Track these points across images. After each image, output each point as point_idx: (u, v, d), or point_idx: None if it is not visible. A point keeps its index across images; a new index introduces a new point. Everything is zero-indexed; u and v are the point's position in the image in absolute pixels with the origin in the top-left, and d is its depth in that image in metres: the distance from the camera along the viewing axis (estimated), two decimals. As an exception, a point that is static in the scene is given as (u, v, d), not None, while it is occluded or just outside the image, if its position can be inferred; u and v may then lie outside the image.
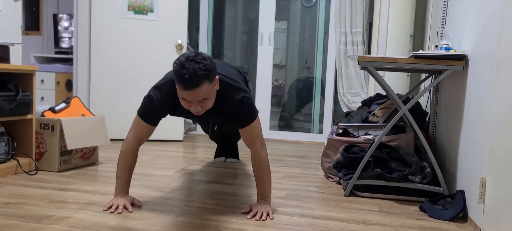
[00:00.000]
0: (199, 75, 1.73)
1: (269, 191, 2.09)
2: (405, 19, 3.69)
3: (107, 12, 4.09)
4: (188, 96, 1.78)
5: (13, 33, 3.03)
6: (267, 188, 2.07)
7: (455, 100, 2.49)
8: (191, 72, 1.71)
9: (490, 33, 1.92)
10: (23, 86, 2.69)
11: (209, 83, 1.79)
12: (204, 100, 1.83)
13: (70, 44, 4.97)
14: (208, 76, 1.76)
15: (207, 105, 1.86)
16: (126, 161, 2.07)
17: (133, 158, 2.08)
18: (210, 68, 1.77)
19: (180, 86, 1.77)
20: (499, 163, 1.69)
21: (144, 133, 2.06)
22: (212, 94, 1.85)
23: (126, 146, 2.07)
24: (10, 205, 2.03)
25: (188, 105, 1.84)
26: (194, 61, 1.74)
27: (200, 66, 1.73)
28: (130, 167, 2.09)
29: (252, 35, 5.01)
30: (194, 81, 1.72)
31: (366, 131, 3.03)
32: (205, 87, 1.77)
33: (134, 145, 2.07)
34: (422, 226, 1.98)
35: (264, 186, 2.07)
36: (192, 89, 1.75)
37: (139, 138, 2.07)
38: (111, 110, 4.16)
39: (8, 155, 2.65)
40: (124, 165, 2.07)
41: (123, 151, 2.07)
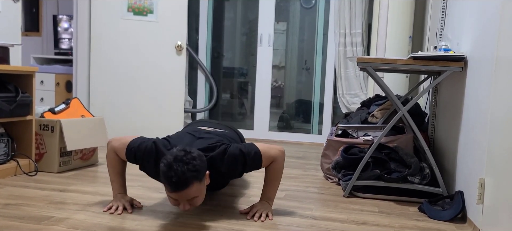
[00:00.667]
0: (187, 178, 1.66)
1: (274, 195, 2.07)
2: (404, 20, 3.70)
3: (107, 13, 4.09)
4: (176, 196, 1.72)
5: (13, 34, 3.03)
6: (273, 191, 2.05)
7: (454, 101, 2.50)
8: (179, 175, 1.64)
9: (489, 34, 1.93)
10: (22, 87, 2.69)
11: (199, 183, 1.72)
12: (193, 199, 1.76)
13: (69, 45, 4.97)
14: (197, 177, 1.69)
15: (196, 203, 1.79)
16: (114, 165, 2.05)
17: (119, 162, 2.05)
18: (200, 168, 1.70)
19: (167, 188, 1.71)
20: (498, 164, 1.69)
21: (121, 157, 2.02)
22: (201, 192, 1.77)
23: (108, 152, 2.04)
24: (9, 206, 2.03)
25: (176, 204, 1.77)
26: (183, 162, 1.66)
27: (189, 168, 1.66)
28: (119, 170, 2.07)
29: (251, 36, 5.01)
30: (182, 183, 1.66)
31: (365, 132, 3.04)
32: (194, 188, 1.70)
33: (115, 154, 2.03)
34: (421, 227, 1.98)
35: (271, 188, 2.04)
36: (180, 191, 1.69)
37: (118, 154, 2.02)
38: (111, 111, 4.16)
39: (8, 156, 2.65)
40: (113, 169, 2.06)
41: (107, 156, 2.05)
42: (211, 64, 5.13)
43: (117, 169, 2.06)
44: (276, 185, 2.04)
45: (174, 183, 1.66)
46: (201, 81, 5.10)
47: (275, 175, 2.01)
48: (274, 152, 1.96)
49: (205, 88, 5.12)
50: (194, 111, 5.01)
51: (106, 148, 2.10)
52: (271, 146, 1.98)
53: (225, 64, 5.15)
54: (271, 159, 1.96)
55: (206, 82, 5.09)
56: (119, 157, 2.03)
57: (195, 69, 5.08)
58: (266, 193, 2.06)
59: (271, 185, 2.04)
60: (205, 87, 5.12)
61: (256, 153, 1.92)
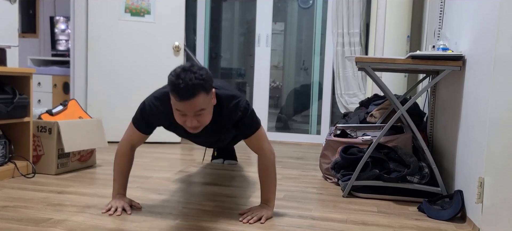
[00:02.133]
0: (195, 85, 1.67)
1: (273, 195, 2.04)
2: (402, 19, 3.70)
3: (104, 14, 4.08)
4: (183, 107, 1.71)
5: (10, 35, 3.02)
6: (271, 192, 2.04)
7: (452, 101, 2.50)
8: (186, 81, 1.66)
9: (487, 33, 1.93)
10: (20, 89, 2.68)
11: (206, 94, 1.72)
12: (201, 113, 1.75)
13: (67, 46, 4.96)
14: (204, 86, 1.70)
15: (203, 120, 1.78)
16: (121, 163, 2.06)
17: (127, 160, 2.06)
18: (206, 78, 1.72)
19: (175, 97, 1.71)
20: (497, 163, 1.69)
21: (136, 139, 2.04)
22: (208, 106, 1.77)
23: (119, 148, 2.06)
24: (7, 208, 2.02)
25: (184, 120, 1.76)
26: (190, 71, 1.69)
27: (196, 76, 1.68)
28: (126, 169, 2.08)
29: (249, 37, 5.01)
30: (189, 91, 1.67)
31: (364, 132, 3.03)
32: (201, 98, 1.71)
33: (127, 148, 2.05)
34: (420, 227, 1.98)
35: (268, 189, 2.03)
36: (188, 100, 1.68)
37: (132, 143, 2.06)
38: (109, 112, 4.15)
39: (5, 158, 2.64)
40: (119, 168, 2.07)
41: (117, 153, 2.06)
42: (209, 65, 5.12)
43: (124, 168, 2.06)
44: (270, 184, 2.03)
45: (181, 89, 1.66)
46: (199, 82, 5.08)
47: (267, 174, 2.01)
48: (268, 145, 2.00)
49: (203, 89, 5.11)
50: (192, 112, 5.00)
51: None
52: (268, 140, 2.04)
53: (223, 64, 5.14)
54: (262, 146, 1.98)
55: (204, 83, 5.08)
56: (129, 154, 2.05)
57: (193, 70, 5.06)
58: (263, 195, 2.05)
59: (265, 186, 2.03)
60: (203, 88, 5.10)
61: (258, 122, 1.97)
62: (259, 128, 1.98)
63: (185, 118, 1.76)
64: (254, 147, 2.00)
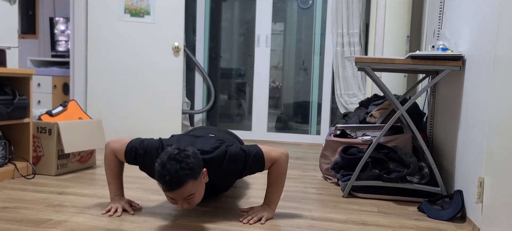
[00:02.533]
0: (181, 176, 1.64)
1: (277, 199, 2.03)
2: (401, 20, 3.70)
3: (104, 15, 4.08)
4: (172, 195, 1.71)
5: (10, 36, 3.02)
6: (276, 196, 2.02)
7: (452, 101, 2.50)
8: (172, 173, 1.63)
9: (487, 34, 1.93)
10: (20, 90, 2.68)
11: (194, 181, 1.70)
12: (190, 197, 1.73)
13: (66, 47, 4.96)
14: (191, 175, 1.67)
15: (194, 202, 1.77)
16: (111, 167, 2.05)
17: (116, 164, 2.05)
18: (194, 166, 1.68)
19: (162, 187, 1.70)
20: (496, 163, 1.69)
21: (120, 158, 2.02)
22: (198, 189, 1.75)
23: (107, 153, 2.04)
24: (7, 209, 2.02)
25: (174, 202, 1.76)
26: (176, 160, 1.65)
27: (182, 166, 1.64)
28: (118, 172, 2.07)
29: (249, 37, 5.01)
30: (175, 182, 1.64)
31: (364, 132, 3.03)
32: (189, 186, 1.69)
33: (113, 155, 2.03)
34: (420, 227, 1.98)
35: (274, 193, 2.02)
36: (175, 191, 1.67)
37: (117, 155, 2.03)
38: (108, 113, 4.15)
39: (5, 159, 2.64)
40: (110, 171, 2.06)
41: (106, 158, 2.04)
42: (209, 65, 5.13)
43: (115, 171, 2.06)
44: (278, 188, 2.01)
45: (167, 182, 1.65)
46: (199, 82, 5.09)
47: (277, 178, 1.99)
48: (276, 154, 1.95)
49: (202, 90, 5.12)
50: (192, 113, 5.01)
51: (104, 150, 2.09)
52: (274, 148, 1.98)
53: (223, 65, 5.14)
54: (272, 161, 1.94)
55: (204, 83, 5.09)
56: (118, 159, 2.02)
57: (192, 70, 5.07)
58: (268, 196, 2.04)
59: (272, 188, 2.01)
60: (203, 89, 5.12)
61: (258, 153, 1.92)
62: (262, 154, 1.93)
63: (174, 202, 1.76)
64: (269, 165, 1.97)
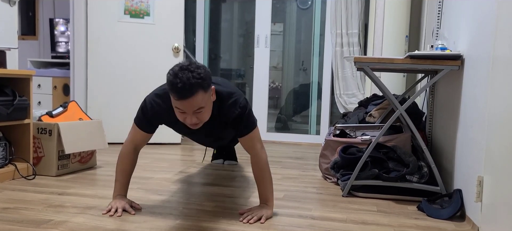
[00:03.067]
0: (193, 84, 1.68)
1: (271, 194, 2.05)
2: (400, 20, 3.71)
3: (104, 16, 4.09)
4: (182, 106, 1.73)
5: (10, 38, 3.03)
6: (268, 191, 2.05)
7: (451, 100, 2.51)
8: (184, 81, 1.67)
9: (485, 33, 1.93)
10: (20, 91, 2.69)
11: (204, 92, 1.73)
12: (200, 111, 1.76)
13: (66, 48, 4.97)
14: (202, 85, 1.71)
15: (203, 117, 1.80)
16: (123, 164, 2.07)
17: (130, 162, 2.08)
18: (204, 76, 1.72)
19: (173, 96, 1.72)
20: (496, 162, 1.70)
21: (139, 139, 2.06)
22: (207, 104, 1.79)
23: (123, 149, 2.08)
24: (8, 210, 2.02)
25: (183, 117, 1.78)
26: (188, 70, 1.69)
27: (194, 75, 1.69)
28: (128, 170, 2.09)
29: (248, 38, 5.02)
30: (187, 89, 1.68)
31: (363, 132, 3.04)
32: (199, 96, 1.72)
33: (131, 149, 2.07)
34: (420, 226, 1.99)
35: (265, 188, 2.04)
36: (186, 99, 1.70)
37: (135, 144, 2.07)
38: (109, 114, 4.15)
39: (6, 160, 2.64)
40: (122, 168, 2.08)
41: (121, 154, 2.08)
42: (208, 66, 5.13)
43: (126, 168, 2.08)
44: (267, 183, 2.04)
45: (179, 88, 1.67)
46: (199, 83, 5.09)
47: (261, 173, 2.02)
48: (260, 146, 2.02)
49: (202, 90, 5.11)
50: (192, 113, 5.00)
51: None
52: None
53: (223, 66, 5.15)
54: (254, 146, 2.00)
55: (204, 84, 5.08)
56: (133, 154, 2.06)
57: (192, 71, 5.06)
58: (261, 194, 2.06)
59: (261, 184, 2.04)
60: (203, 89, 5.11)
61: (254, 122, 1.99)
62: (255, 128, 2.00)
63: (184, 115, 1.78)
64: (247, 146, 2.02)
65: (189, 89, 1.68)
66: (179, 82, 1.67)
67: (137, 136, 2.05)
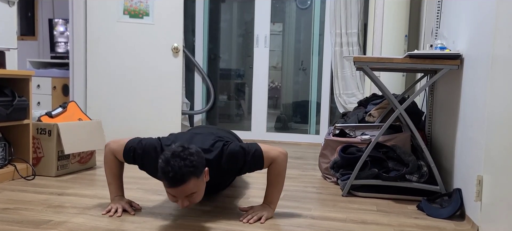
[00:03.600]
0: (184, 173, 1.66)
1: (277, 198, 2.04)
2: (399, 19, 3.71)
3: (103, 16, 4.09)
4: (174, 192, 1.71)
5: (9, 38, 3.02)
6: (275, 195, 2.03)
7: (450, 99, 2.51)
8: (175, 170, 1.64)
9: (485, 33, 1.94)
10: (19, 91, 2.69)
11: (196, 179, 1.71)
12: (192, 195, 1.75)
13: (66, 49, 4.96)
14: (194, 173, 1.69)
15: (195, 200, 1.78)
16: (111, 168, 2.05)
17: (116, 164, 2.05)
18: (197, 163, 1.69)
19: (165, 184, 1.70)
20: (495, 161, 1.70)
21: (119, 158, 2.03)
22: (200, 188, 1.76)
23: (106, 154, 2.04)
24: (8, 210, 2.02)
25: (174, 200, 1.76)
26: (180, 157, 1.66)
27: (186, 163, 1.66)
28: (118, 173, 2.07)
29: (247, 38, 5.02)
30: (178, 179, 1.66)
31: (363, 131, 3.04)
32: (191, 183, 1.70)
33: (113, 156, 2.04)
34: (420, 225, 1.99)
35: (274, 192, 2.02)
36: (178, 187, 1.68)
37: (116, 156, 2.03)
38: (108, 114, 4.15)
39: (5, 161, 2.64)
40: (110, 172, 2.06)
41: (105, 159, 2.05)
42: (208, 66, 5.13)
43: (115, 171, 2.06)
44: (277, 188, 2.02)
45: (171, 178, 1.66)
46: (198, 83, 5.10)
47: (276, 178, 1.99)
48: (275, 153, 1.95)
49: (202, 90, 5.12)
50: (192, 113, 5.01)
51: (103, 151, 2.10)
52: (273, 147, 1.98)
53: (222, 66, 5.15)
54: (271, 159, 1.95)
55: (203, 84, 5.09)
56: (117, 159, 2.03)
57: (191, 71, 5.08)
58: (267, 196, 2.04)
59: (272, 188, 2.02)
60: (202, 89, 5.12)
61: (257, 150, 1.92)
62: (261, 152, 1.93)
63: (175, 199, 1.76)
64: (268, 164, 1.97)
65: (181, 179, 1.66)
66: (171, 172, 1.65)
67: (119, 155, 2.01)
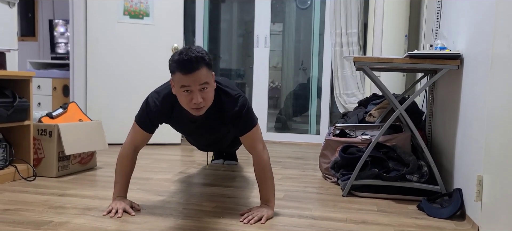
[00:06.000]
0: (198, 57, 1.77)
1: (272, 194, 2.06)
2: (399, 19, 3.71)
3: (103, 17, 4.09)
4: (189, 81, 1.78)
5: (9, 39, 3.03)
6: (269, 192, 2.05)
7: (450, 99, 2.51)
8: (190, 55, 1.76)
9: (484, 32, 1.94)
10: (20, 92, 2.69)
11: (208, 69, 1.81)
12: (205, 87, 1.81)
13: (66, 49, 4.97)
14: (206, 60, 1.80)
15: (207, 96, 1.84)
16: (123, 165, 2.08)
17: (129, 163, 2.08)
18: (207, 54, 1.82)
19: (180, 72, 1.78)
20: (495, 161, 1.70)
21: (139, 139, 2.07)
22: (211, 83, 1.85)
23: (122, 150, 2.08)
24: (8, 211, 2.03)
25: (189, 98, 1.82)
26: (191, 49, 1.79)
27: (198, 50, 1.80)
28: (128, 172, 2.09)
29: (248, 38, 5.02)
30: (193, 63, 1.76)
31: (363, 131, 3.04)
32: (204, 71, 1.79)
33: (130, 150, 2.07)
34: (420, 225, 1.99)
35: (266, 189, 2.05)
36: (193, 73, 1.76)
37: (135, 144, 2.08)
38: (109, 115, 4.16)
39: (6, 162, 2.64)
40: (121, 170, 2.08)
41: (120, 155, 2.08)
42: (208, 66, 5.13)
43: (126, 170, 2.09)
44: (268, 184, 2.04)
45: (186, 61, 1.75)
46: (198, 83, 5.09)
47: (263, 174, 2.03)
48: (262, 146, 2.02)
49: (202, 91, 5.11)
50: (192, 114, 5.01)
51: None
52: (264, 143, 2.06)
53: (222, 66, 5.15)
54: (255, 145, 2.01)
55: (203, 84, 5.09)
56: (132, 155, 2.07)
57: (192, 71, 5.07)
58: (262, 195, 2.06)
59: (263, 185, 2.04)
60: (202, 90, 5.11)
61: (254, 119, 2.01)
62: (255, 126, 2.01)
63: (190, 96, 1.82)
64: (248, 145, 2.03)
65: (195, 62, 1.76)
66: (185, 56, 1.76)
67: (137, 136, 2.05)
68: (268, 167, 2.04)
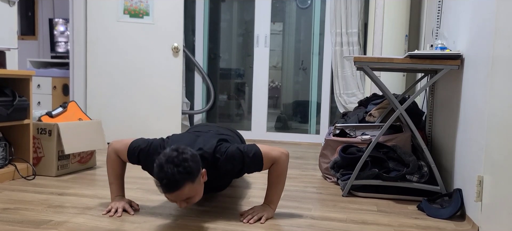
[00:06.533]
0: (178, 180, 1.64)
1: (277, 199, 2.04)
2: (400, 19, 3.71)
3: (103, 16, 4.09)
4: (170, 197, 1.72)
5: (9, 38, 3.02)
6: (276, 195, 2.02)
7: (451, 100, 2.51)
8: (169, 177, 1.63)
9: (485, 33, 1.93)
10: (19, 91, 2.69)
11: (192, 184, 1.69)
12: (188, 198, 1.75)
13: (66, 48, 4.96)
14: (189, 178, 1.67)
15: (193, 202, 1.78)
16: (113, 167, 2.06)
17: (119, 164, 2.06)
18: (191, 169, 1.67)
19: (160, 190, 1.70)
20: (495, 161, 1.70)
21: (123, 158, 2.04)
22: (196, 191, 1.75)
23: (110, 154, 2.05)
24: (8, 210, 2.02)
25: (173, 201, 1.76)
26: (173, 163, 1.64)
27: (179, 170, 1.64)
28: (120, 173, 2.08)
29: (248, 37, 5.01)
30: (173, 186, 1.65)
31: (363, 131, 3.04)
32: (186, 189, 1.68)
33: (116, 155, 2.05)
34: (420, 225, 1.99)
35: (274, 192, 2.02)
36: (173, 193, 1.68)
37: (118, 155, 2.04)
38: (108, 114, 4.15)
39: (6, 160, 2.64)
40: (112, 171, 2.07)
41: (108, 158, 2.05)
42: (208, 66, 5.13)
43: (117, 171, 2.07)
44: (278, 188, 2.01)
45: (165, 184, 1.66)
46: (198, 83, 5.10)
47: (277, 179, 1.98)
48: (276, 153, 1.93)
49: (202, 90, 5.12)
50: (192, 113, 5.01)
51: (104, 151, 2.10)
52: (273, 148, 1.96)
53: (222, 65, 5.15)
54: (272, 160, 1.93)
55: (203, 84, 5.09)
56: (120, 159, 2.03)
57: (191, 70, 5.08)
58: (268, 196, 2.04)
59: (272, 188, 2.01)
60: (202, 89, 5.12)
61: (256, 153, 1.90)
62: (260, 154, 1.91)
63: (173, 201, 1.76)
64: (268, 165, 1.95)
65: (175, 185, 1.65)
66: (164, 178, 1.64)
67: (122, 155, 2.02)
68: (285, 173, 1.98)
